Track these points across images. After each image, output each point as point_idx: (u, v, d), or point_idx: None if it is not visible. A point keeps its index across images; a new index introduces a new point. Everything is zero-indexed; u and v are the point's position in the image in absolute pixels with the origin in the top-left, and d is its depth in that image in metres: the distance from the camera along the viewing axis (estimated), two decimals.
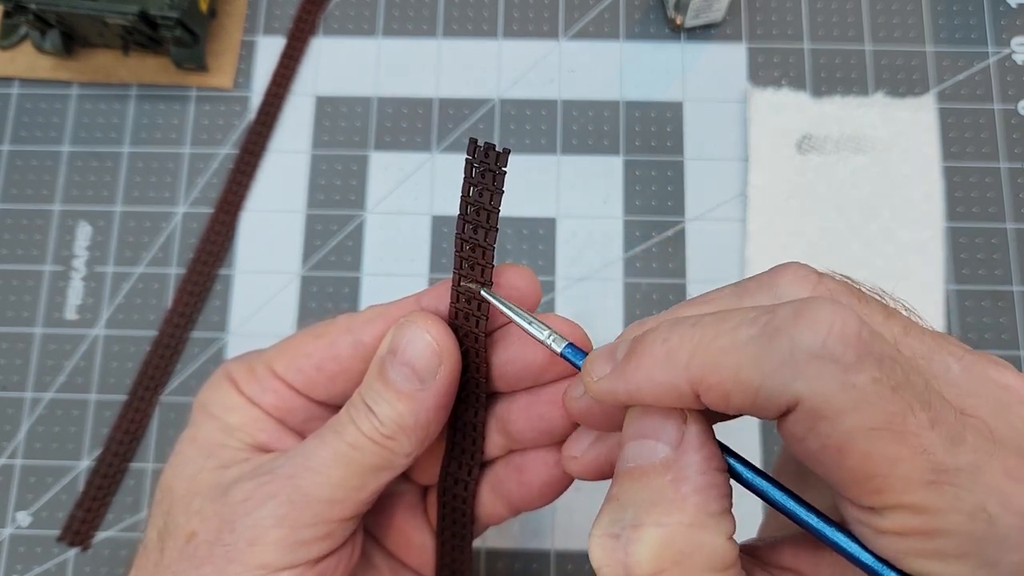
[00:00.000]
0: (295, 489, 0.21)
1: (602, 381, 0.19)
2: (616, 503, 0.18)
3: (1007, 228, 0.41)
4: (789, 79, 0.43)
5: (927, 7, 0.44)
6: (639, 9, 0.44)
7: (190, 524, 0.22)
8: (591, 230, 0.41)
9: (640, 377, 0.17)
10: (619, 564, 0.17)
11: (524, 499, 0.25)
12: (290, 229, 0.42)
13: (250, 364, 0.25)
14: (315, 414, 0.25)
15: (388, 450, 0.22)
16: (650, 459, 0.18)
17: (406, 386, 0.22)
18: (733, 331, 0.16)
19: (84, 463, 0.39)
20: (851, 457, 0.15)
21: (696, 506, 0.17)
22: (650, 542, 0.16)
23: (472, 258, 0.22)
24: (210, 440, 0.24)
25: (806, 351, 0.15)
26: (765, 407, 0.16)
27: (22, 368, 0.40)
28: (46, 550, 0.38)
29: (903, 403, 0.15)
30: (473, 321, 0.23)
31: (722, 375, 0.16)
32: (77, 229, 0.42)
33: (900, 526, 0.16)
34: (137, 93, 0.44)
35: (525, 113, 0.43)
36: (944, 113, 0.42)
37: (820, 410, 0.15)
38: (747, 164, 0.42)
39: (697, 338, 0.17)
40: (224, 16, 0.44)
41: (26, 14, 0.40)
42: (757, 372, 0.16)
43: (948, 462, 0.15)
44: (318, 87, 0.44)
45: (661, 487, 0.17)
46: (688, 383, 0.17)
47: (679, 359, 0.17)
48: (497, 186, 0.22)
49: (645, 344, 0.18)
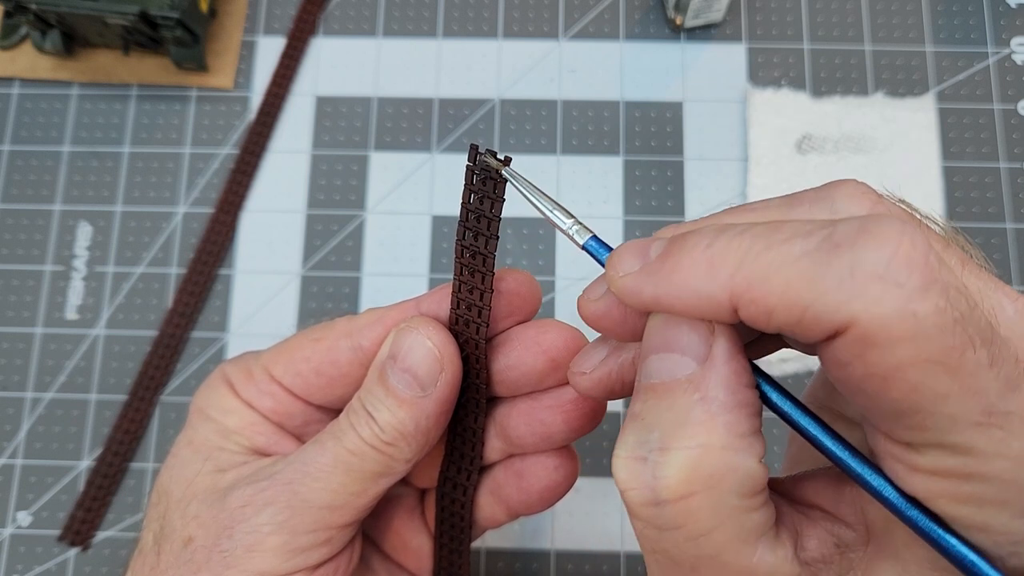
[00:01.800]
0: (294, 495, 0.21)
1: (628, 278, 0.17)
2: (641, 422, 0.17)
3: (1007, 228, 0.41)
4: (789, 79, 0.43)
5: (927, 7, 0.44)
6: (639, 9, 0.44)
7: (187, 529, 0.22)
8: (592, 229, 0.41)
9: (675, 281, 0.16)
10: (646, 488, 0.16)
11: (523, 504, 0.25)
12: (290, 229, 0.42)
13: (247, 367, 0.24)
14: (313, 418, 0.25)
15: (388, 456, 0.22)
16: (676, 374, 0.16)
17: (407, 393, 0.21)
18: (787, 242, 0.15)
19: (84, 463, 0.39)
20: (897, 388, 0.14)
21: (726, 426, 0.16)
22: (679, 465, 0.16)
23: (472, 265, 0.22)
24: (207, 443, 0.23)
25: (869, 271, 0.14)
26: (811, 327, 0.15)
27: (22, 368, 0.41)
28: (46, 550, 0.38)
29: (964, 337, 0.14)
30: (474, 328, 0.22)
31: (769, 289, 0.15)
32: (77, 229, 0.42)
33: (938, 466, 0.15)
34: (137, 93, 0.44)
35: (525, 113, 0.43)
36: (944, 113, 0.42)
37: (874, 336, 0.14)
38: (747, 164, 0.42)
39: (745, 247, 0.15)
40: (224, 16, 0.44)
41: (26, 14, 0.40)
42: (810, 289, 0.14)
43: (1002, 405, 0.14)
44: (318, 87, 0.44)
45: (689, 406, 0.16)
46: (729, 295, 0.15)
47: (723, 267, 0.15)
48: (498, 194, 0.21)
49: (685, 246, 0.16)
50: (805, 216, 0.17)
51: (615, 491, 0.38)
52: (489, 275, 0.22)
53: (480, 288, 0.22)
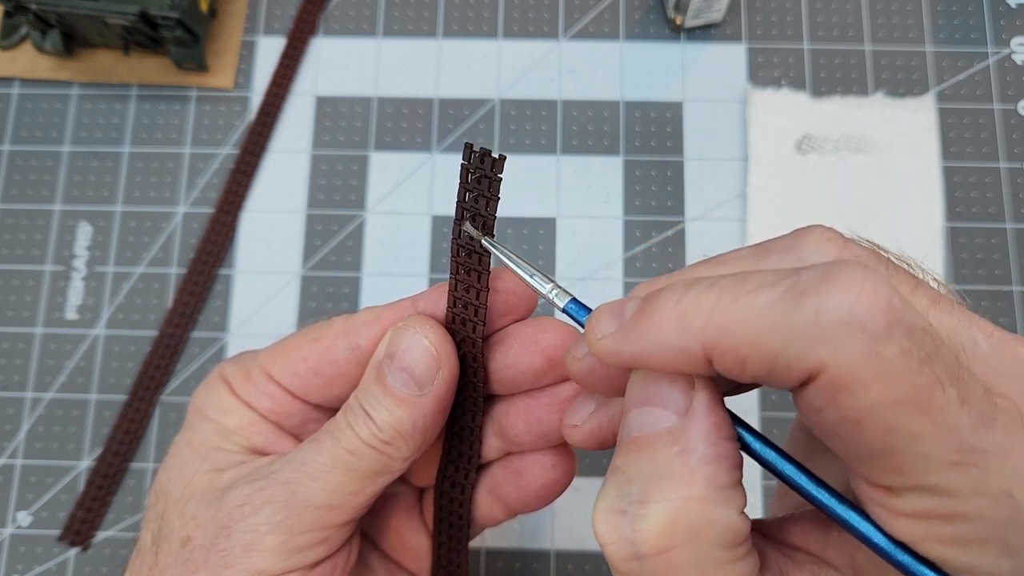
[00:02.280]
0: (292, 495, 0.21)
1: (606, 339, 0.17)
2: (621, 475, 0.17)
3: (1007, 228, 0.41)
4: (789, 79, 0.43)
5: (927, 7, 0.44)
6: (639, 9, 0.44)
7: (185, 528, 0.22)
8: (591, 230, 0.41)
9: (649, 339, 0.16)
10: (626, 541, 0.16)
11: (521, 502, 0.25)
12: (290, 229, 0.42)
13: (245, 367, 0.24)
14: (311, 417, 0.25)
15: (386, 455, 0.22)
16: (656, 428, 0.17)
17: (404, 392, 0.22)
18: (753, 293, 0.15)
19: (84, 463, 0.39)
20: (871, 431, 0.14)
21: (706, 479, 0.16)
22: (658, 518, 0.16)
23: (469, 264, 0.22)
24: (206, 443, 0.23)
25: (832, 317, 0.14)
26: (783, 375, 0.15)
27: (22, 368, 0.41)
28: (46, 550, 0.38)
29: (931, 377, 0.14)
30: (470, 326, 0.22)
31: (739, 340, 0.15)
32: (77, 229, 0.42)
33: (919, 509, 0.15)
34: (137, 93, 0.44)
35: (525, 113, 0.43)
36: (944, 113, 0.42)
37: (842, 380, 0.14)
38: (747, 164, 0.42)
39: (714, 300, 0.15)
40: (224, 16, 0.44)
41: (27, 14, 0.40)
42: (777, 337, 0.14)
43: (975, 442, 0.14)
44: (318, 87, 0.44)
45: (668, 459, 0.16)
46: (701, 348, 0.15)
47: (693, 322, 0.15)
48: (493, 192, 0.21)
49: (657, 304, 0.16)
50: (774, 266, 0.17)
51: None
52: (485, 274, 0.22)
53: (476, 287, 0.22)
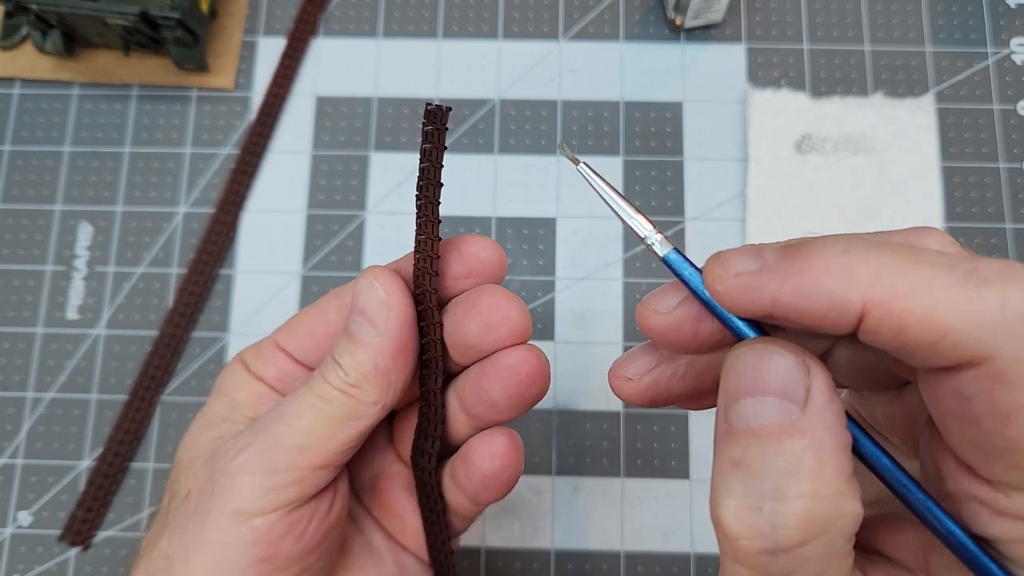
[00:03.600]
0: (267, 436, 0.23)
1: (745, 276, 0.17)
2: (747, 470, 0.16)
3: (1006, 228, 0.41)
4: (788, 79, 0.43)
5: (926, 8, 0.44)
6: (639, 10, 0.44)
7: (187, 484, 0.23)
8: (591, 230, 0.42)
9: (805, 280, 0.16)
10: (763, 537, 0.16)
11: (472, 491, 0.25)
12: (291, 229, 0.42)
13: (259, 344, 0.27)
14: None
15: (354, 399, 0.23)
16: (778, 419, 0.16)
17: (364, 335, 0.23)
18: (932, 265, 0.15)
19: (85, 463, 0.39)
20: (1016, 427, 0.15)
21: (837, 472, 0.16)
22: (798, 514, 0.16)
23: (424, 215, 0.23)
24: (216, 415, 0.25)
25: (1017, 311, 0.14)
26: (942, 354, 0.15)
27: (23, 368, 0.41)
28: (47, 550, 0.39)
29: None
30: (428, 278, 0.23)
31: (911, 306, 0.15)
32: (78, 229, 0.42)
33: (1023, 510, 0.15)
34: (138, 93, 0.44)
35: (525, 113, 0.43)
36: (943, 113, 0.42)
37: (1009, 373, 0.14)
38: (746, 164, 0.42)
39: (886, 259, 0.15)
40: (225, 17, 0.45)
41: (27, 14, 0.40)
42: (955, 317, 0.14)
43: None
44: (319, 87, 0.44)
45: (797, 452, 0.16)
46: (862, 302, 0.15)
47: (859, 274, 0.15)
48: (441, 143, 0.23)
49: (817, 247, 0.16)
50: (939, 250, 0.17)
51: (615, 491, 0.38)
52: (435, 222, 0.23)
53: (431, 237, 0.23)
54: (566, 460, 0.39)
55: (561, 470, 0.39)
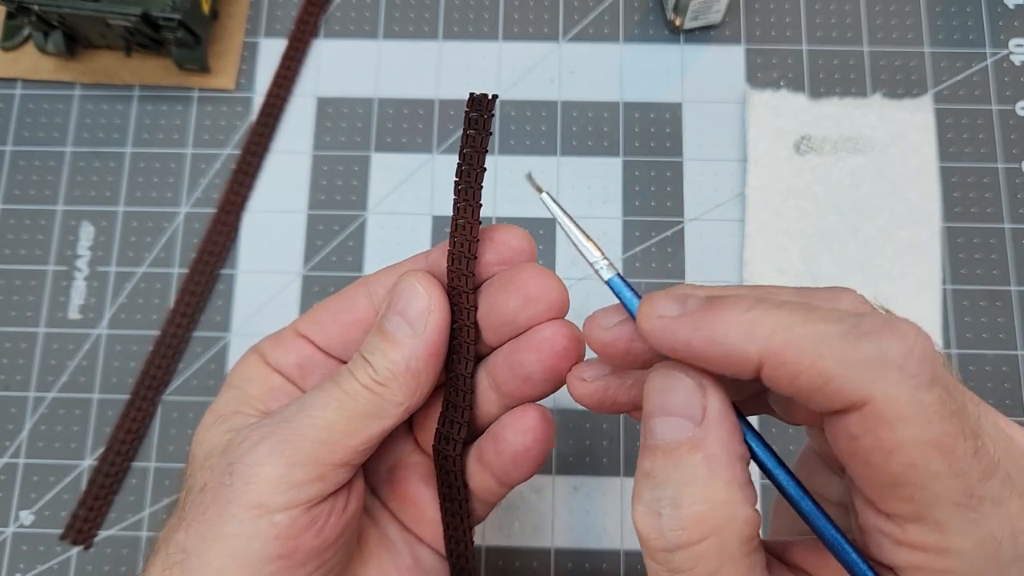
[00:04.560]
0: (289, 429, 0.23)
1: (666, 320, 0.19)
2: (652, 480, 0.19)
3: (1004, 228, 0.41)
4: (787, 80, 0.43)
5: (925, 8, 0.44)
6: (638, 11, 0.45)
7: (203, 477, 0.23)
8: (591, 230, 0.41)
9: (715, 331, 0.18)
10: (662, 538, 0.18)
11: (502, 469, 0.25)
12: (292, 229, 0.42)
13: (278, 334, 0.27)
14: (332, 370, 0.26)
15: (380, 396, 0.23)
16: (677, 436, 0.19)
17: (399, 335, 0.23)
18: (821, 322, 0.17)
19: (86, 462, 0.40)
20: (898, 463, 0.16)
21: (727, 482, 0.18)
22: (689, 520, 0.18)
23: (464, 201, 0.23)
24: (227, 408, 0.25)
25: (890, 359, 0.16)
26: (829, 397, 0.17)
27: (25, 367, 0.41)
28: (49, 549, 0.39)
29: (958, 427, 0.16)
30: (464, 262, 0.24)
31: (799, 357, 0.17)
32: (80, 229, 0.42)
33: (918, 540, 0.17)
34: (139, 94, 0.44)
35: (525, 114, 0.43)
36: (942, 114, 0.42)
37: (886, 414, 0.16)
38: (746, 165, 0.42)
39: (783, 318, 0.17)
40: (226, 18, 0.45)
41: (29, 15, 0.40)
42: (837, 364, 0.17)
43: (978, 490, 0.17)
44: (319, 88, 0.44)
45: (693, 465, 0.18)
46: (759, 354, 0.17)
47: (759, 330, 0.17)
48: (487, 129, 0.23)
49: (726, 304, 0.18)
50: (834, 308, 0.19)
51: (615, 490, 0.38)
52: (476, 206, 0.23)
53: (471, 221, 0.23)
54: (566, 459, 0.39)
55: (561, 469, 0.39)
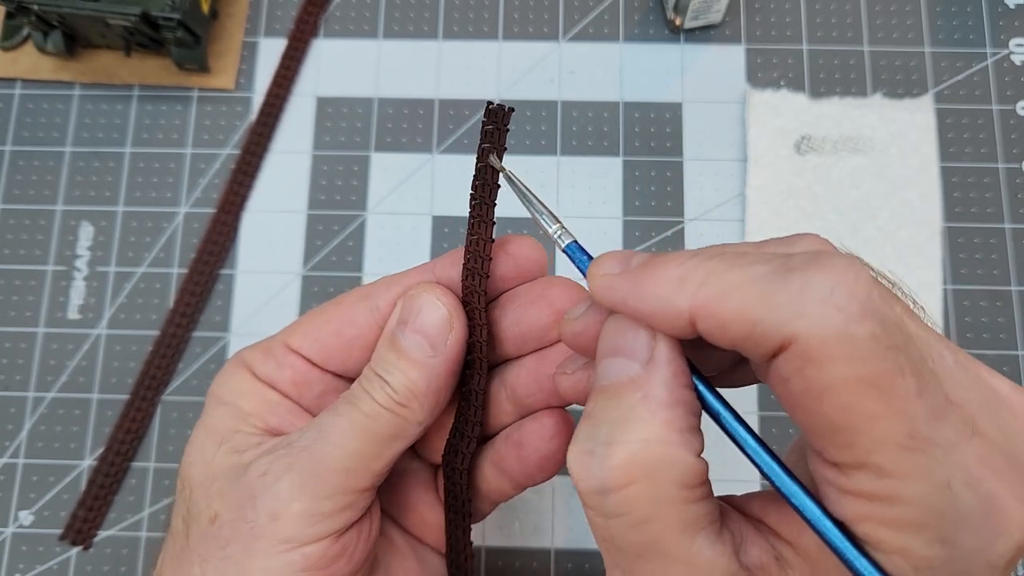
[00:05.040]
0: (312, 460, 0.22)
1: (607, 277, 0.19)
2: (591, 420, 0.18)
3: (1005, 228, 0.41)
4: (788, 80, 0.43)
5: (925, 8, 0.44)
6: (638, 11, 0.45)
7: (212, 507, 0.22)
8: (591, 230, 0.42)
9: (647, 288, 0.18)
10: (593, 478, 0.17)
11: (524, 474, 0.25)
12: (291, 229, 0.42)
13: (265, 346, 0.25)
14: (331, 387, 0.25)
15: (402, 418, 0.23)
16: (621, 376, 0.18)
17: (418, 354, 0.23)
18: (747, 266, 0.16)
19: (86, 462, 0.40)
20: (830, 405, 0.15)
21: (664, 422, 0.17)
22: (621, 457, 0.17)
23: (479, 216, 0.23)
24: (222, 426, 0.24)
25: (814, 293, 0.15)
26: (758, 343, 0.16)
27: (24, 368, 0.41)
28: (48, 549, 0.39)
29: (895, 363, 0.15)
30: (478, 279, 0.23)
31: (725, 305, 0.16)
32: (79, 229, 0.42)
33: (864, 488, 0.16)
34: (139, 94, 0.44)
35: (525, 114, 0.43)
36: (942, 114, 0.42)
37: (811, 352, 0.15)
38: (746, 165, 0.42)
39: (712, 267, 0.17)
40: (225, 17, 0.45)
41: (28, 15, 0.40)
42: (760, 306, 0.16)
43: (925, 431, 0.15)
44: (319, 88, 0.44)
45: (631, 404, 0.18)
46: (689, 308, 0.17)
47: (689, 284, 0.17)
48: (502, 144, 0.23)
49: (661, 261, 0.18)
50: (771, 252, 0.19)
51: None
52: (490, 223, 0.23)
53: (484, 238, 0.23)
54: None
55: (562, 469, 0.39)
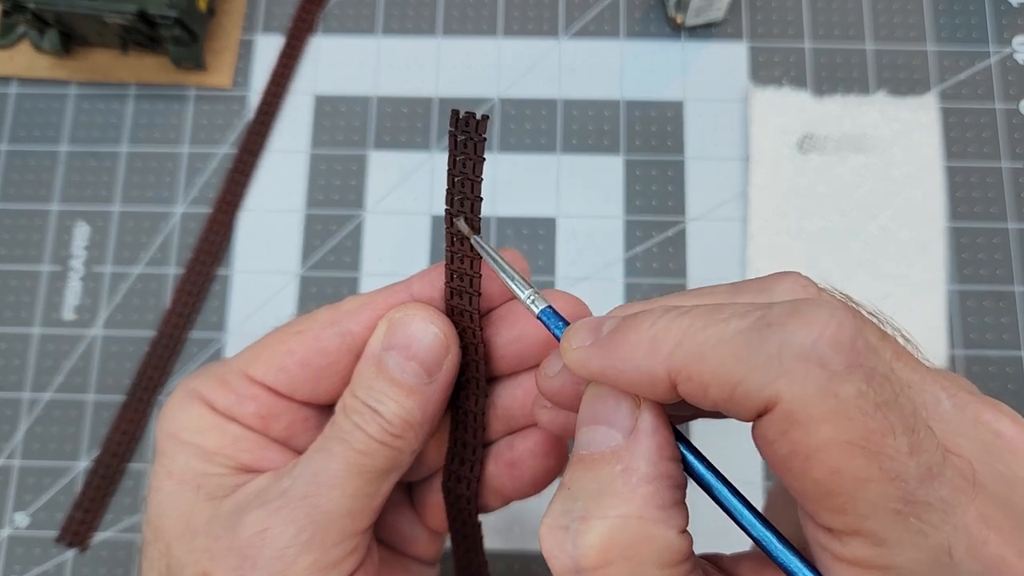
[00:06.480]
0: (314, 508, 0.20)
1: (579, 351, 0.18)
2: (567, 492, 0.17)
3: (1008, 228, 0.41)
4: (790, 78, 0.43)
5: (928, 6, 0.44)
6: (640, 8, 0.44)
7: (200, 564, 0.21)
8: (591, 230, 0.41)
9: (620, 356, 0.17)
10: (567, 556, 0.16)
11: (517, 491, 0.25)
12: (289, 229, 0.42)
13: (220, 376, 0.23)
14: (299, 416, 0.24)
15: (396, 450, 0.22)
16: (601, 447, 0.17)
17: (414, 381, 0.21)
18: (723, 322, 0.15)
19: (82, 464, 0.39)
20: (818, 469, 0.14)
21: (645, 498, 0.16)
22: (598, 534, 0.16)
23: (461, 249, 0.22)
24: (189, 470, 0.22)
25: (794, 351, 0.14)
26: (742, 405, 0.15)
27: (20, 368, 0.40)
28: (44, 551, 0.38)
29: (885, 422, 0.14)
30: (467, 299, 0.22)
31: (703, 367, 0.15)
32: (75, 229, 0.42)
33: (859, 556, 0.15)
34: (135, 92, 0.44)
35: (525, 112, 0.43)
36: (946, 112, 0.42)
37: (795, 414, 0.14)
38: (748, 164, 0.41)
39: (685, 326, 0.16)
40: (223, 15, 0.44)
41: (24, 13, 0.40)
42: (740, 366, 0.15)
43: (920, 494, 0.14)
44: (317, 86, 0.44)
45: (611, 477, 0.16)
46: (667, 372, 0.16)
47: (662, 346, 0.16)
48: (479, 155, 0.21)
49: (631, 325, 0.17)
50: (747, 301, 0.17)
51: None
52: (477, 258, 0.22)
53: (469, 256, 0.22)
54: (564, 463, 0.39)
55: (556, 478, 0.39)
